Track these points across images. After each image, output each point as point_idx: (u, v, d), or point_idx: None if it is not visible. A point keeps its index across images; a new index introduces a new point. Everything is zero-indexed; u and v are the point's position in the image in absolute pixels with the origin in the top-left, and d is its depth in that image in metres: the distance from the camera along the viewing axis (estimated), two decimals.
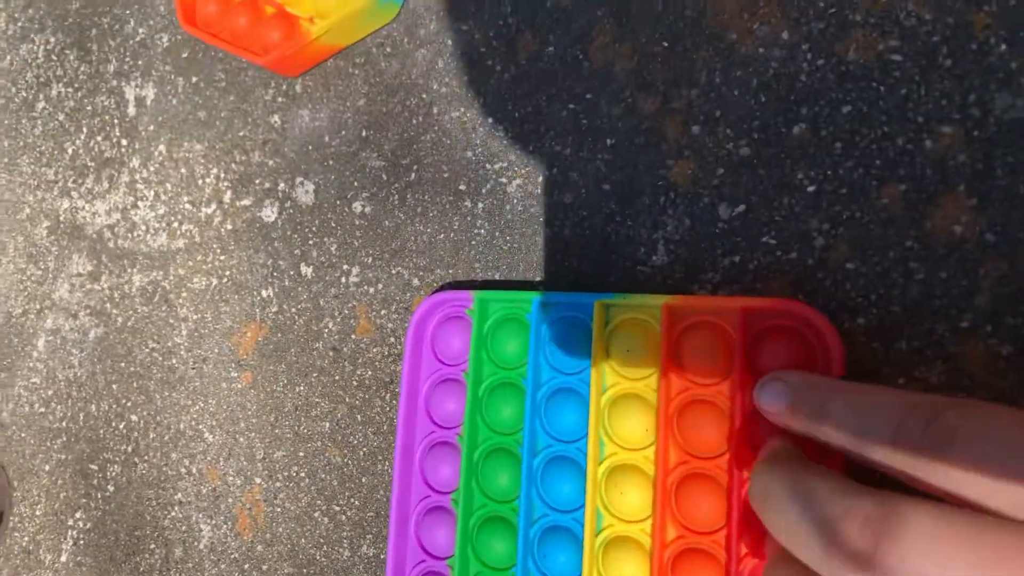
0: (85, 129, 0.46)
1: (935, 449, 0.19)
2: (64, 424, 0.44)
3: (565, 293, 0.29)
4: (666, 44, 0.30)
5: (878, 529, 0.18)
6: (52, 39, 0.49)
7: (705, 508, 0.26)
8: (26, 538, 0.45)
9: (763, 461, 0.23)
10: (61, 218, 0.46)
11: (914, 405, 0.20)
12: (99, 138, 0.45)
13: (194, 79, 0.42)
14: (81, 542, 0.43)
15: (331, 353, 0.36)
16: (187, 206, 0.41)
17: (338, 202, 0.37)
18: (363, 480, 0.35)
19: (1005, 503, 0.18)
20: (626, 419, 0.27)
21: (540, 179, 0.32)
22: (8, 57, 0.50)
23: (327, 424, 0.36)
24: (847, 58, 0.27)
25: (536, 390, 0.29)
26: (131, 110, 0.44)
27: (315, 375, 0.37)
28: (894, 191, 0.26)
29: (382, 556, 0.34)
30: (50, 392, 0.45)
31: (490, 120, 0.34)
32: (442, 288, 0.34)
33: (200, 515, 0.39)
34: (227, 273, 0.39)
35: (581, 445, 0.28)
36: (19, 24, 0.50)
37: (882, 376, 0.26)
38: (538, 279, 0.32)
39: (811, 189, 0.27)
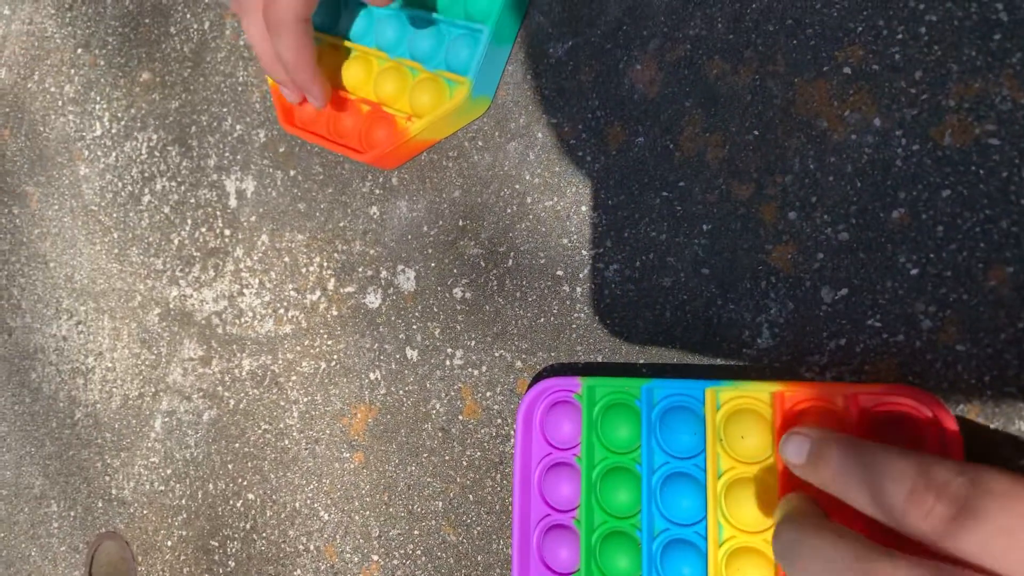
0: (190, 221, 0.49)
1: (946, 520, 0.20)
2: (184, 502, 0.47)
3: (673, 380, 0.30)
4: (756, 133, 0.31)
5: None
6: (154, 136, 0.52)
7: None
8: None
9: (785, 519, 0.24)
10: (171, 305, 0.49)
11: (927, 471, 0.21)
12: (203, 229, 0.49)
13: (292, 172, 0.45)
14: None
15: (440, 434, 0.38)
16: (292, 293, 0.44)
17: (439, 288, 0.39)
18: (479, 558, 0.36)
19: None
20: (744, 503, 0.28)
21: (637, 264, 0.34)
22: (113, 154, 0.54)
23: (440, 503, 0.38)
24: (943, 143, 0.28)
25: (651, 475, 0.30)
26: (232, 202, 0.47)
27: (425, 455, 0.38)
28: (1001, 273, 0.27)
29: None
30: (169, 471, 0.48)
31: (584, 208, 0.35)
32: (545, 370, 0.35)
33: None
34: (335, 357, 0.42)
35: (699, 528, 0.29)
36: (122, 123, 0.54)
37: (1003, 458, 0.26)
38: (641, 361, 0.33)
39: (914, 272, 0.28)
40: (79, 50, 0.57)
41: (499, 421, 0.36)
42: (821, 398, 0.28)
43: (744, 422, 0.29)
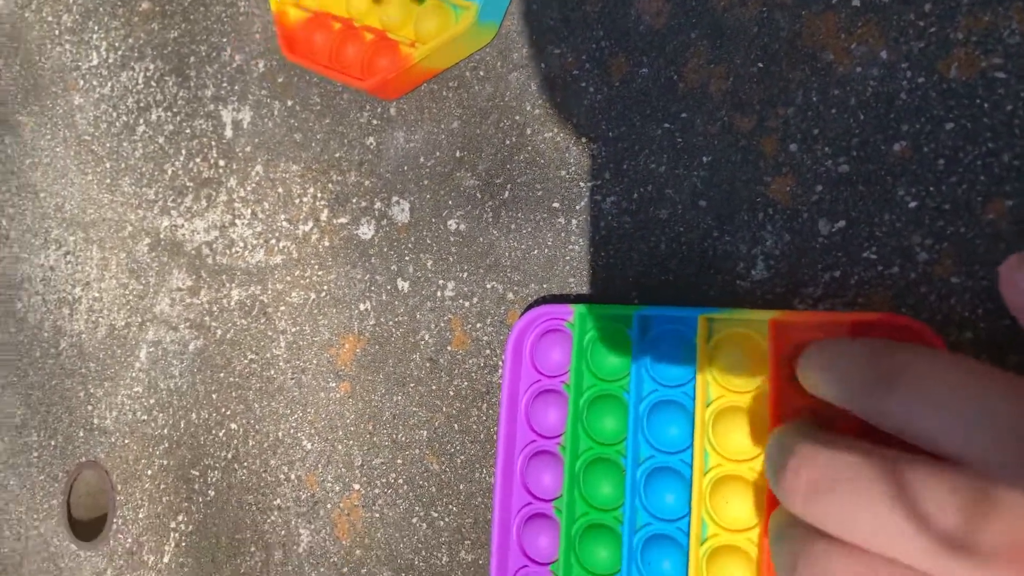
0: (184, 151, 0.49)
1: (882, 385, 0.20)
2: (166, 431, 0.47)
3: (667, 307, 0.30)
4: (761, 65, 0.31)
5: (807, 478, 0.20)
6: (151, 66, 0.51)
7: None
8: (129, 539, 0.47)
9: (776, 430, 0.24)
10: (161, 236, 0.49)
11: (875, 349, 0.21)
12: (197, 159, 0.48)
13: (289, 103, 0.44)
14: (183, 544, 0.45)
15: (428, 364, 0.38)
16: (284, 224, 0.43)
17: (433, 220, 0.38)
18: (461, 487, 0.36)
19: (948, 445, 0.18)
20: (732, 432, 0.28)
21: (635, 196, 0.33)
22: (109, 84, 0.53)
23: (425, 432, 0.37)
24: (949, 76, 0.28)
25: (639, 402, 0.30)
26: (228, 132, 0.47)
27: (412, 385, 0.38)
28: (1000, 206, 0.27)
29: (480, 561, 0.35)
30: (152, 401, 0.48)
31: (584, 140, 0.35)
32: (536, 302, 0.35)
33: (299, 520, 0.41)
34: (325, 288, 0.41)
35: (685, 456, 0.29)
36: (119, 52, 0.53)
37: None
38: (634, 293, 0.33)
39: (913, 205, 0.28)
40: None
41: (488, 352, 0.36)
42: (816, 327, 0.28)
43: (736, 350, 0.29)
